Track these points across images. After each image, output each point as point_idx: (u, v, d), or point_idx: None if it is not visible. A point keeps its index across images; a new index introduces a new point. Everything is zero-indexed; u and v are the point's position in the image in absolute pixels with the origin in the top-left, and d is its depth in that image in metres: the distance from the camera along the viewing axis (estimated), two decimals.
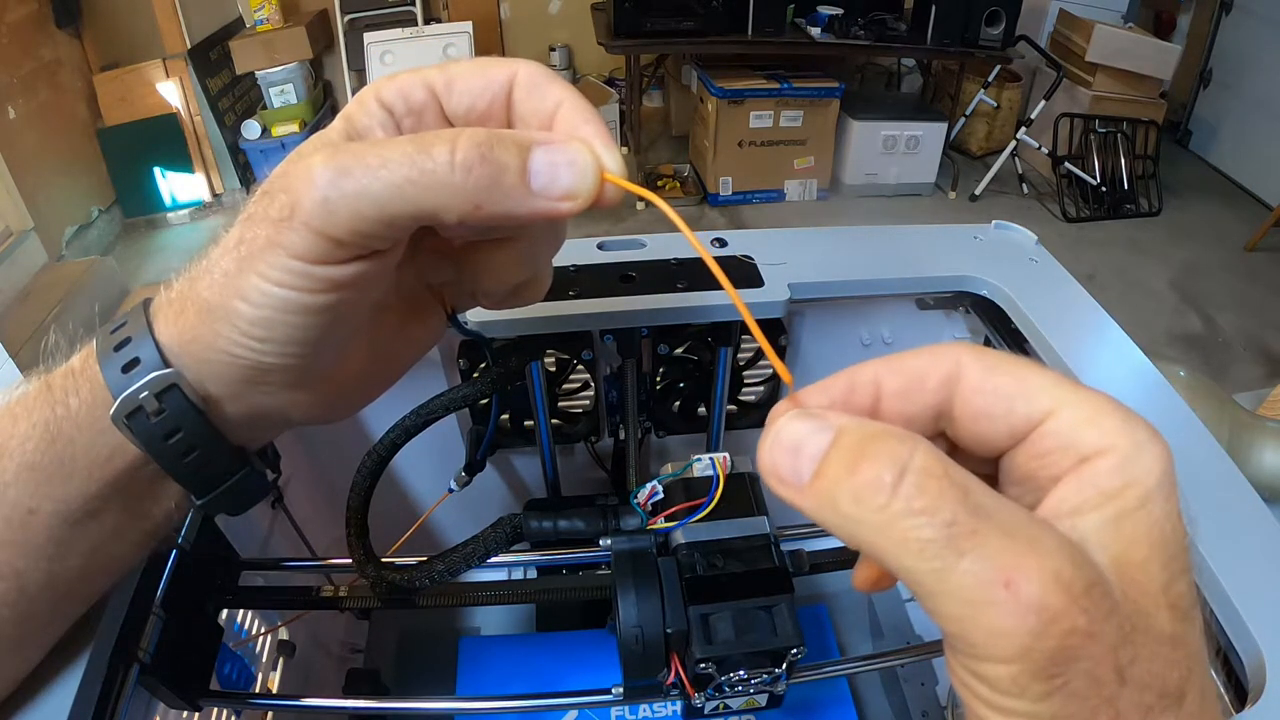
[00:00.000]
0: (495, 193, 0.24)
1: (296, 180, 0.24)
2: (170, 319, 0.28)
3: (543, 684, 0.68)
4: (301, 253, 0.24)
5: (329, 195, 0.23)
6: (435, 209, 0.24)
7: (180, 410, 0.28)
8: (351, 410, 0.34)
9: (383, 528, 0.50)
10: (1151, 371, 0.56)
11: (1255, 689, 0.38)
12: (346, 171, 0.23)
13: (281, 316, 0.26)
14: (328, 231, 0.24)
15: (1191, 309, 2.53)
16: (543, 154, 0.24)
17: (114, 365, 0.28)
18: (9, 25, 2.42)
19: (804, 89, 2.77)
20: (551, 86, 0.27)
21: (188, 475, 0.30)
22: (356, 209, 0.23)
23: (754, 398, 0.77)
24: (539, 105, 0.27)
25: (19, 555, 0.29)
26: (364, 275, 0.26)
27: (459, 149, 0.23)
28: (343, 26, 3.16)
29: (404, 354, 0.34)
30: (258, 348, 0.26)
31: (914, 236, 0.70)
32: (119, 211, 2.85)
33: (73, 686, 0.35)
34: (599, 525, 0.47)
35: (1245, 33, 3.24)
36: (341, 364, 0.30)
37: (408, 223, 0.24)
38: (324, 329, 0.26)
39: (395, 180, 0.23)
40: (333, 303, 0.26)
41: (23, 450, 0.28)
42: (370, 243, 0.25)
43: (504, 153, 0.24)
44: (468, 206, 0.24)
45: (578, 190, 0.25)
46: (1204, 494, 0.46)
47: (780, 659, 0.42)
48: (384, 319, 0.32)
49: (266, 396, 0.29)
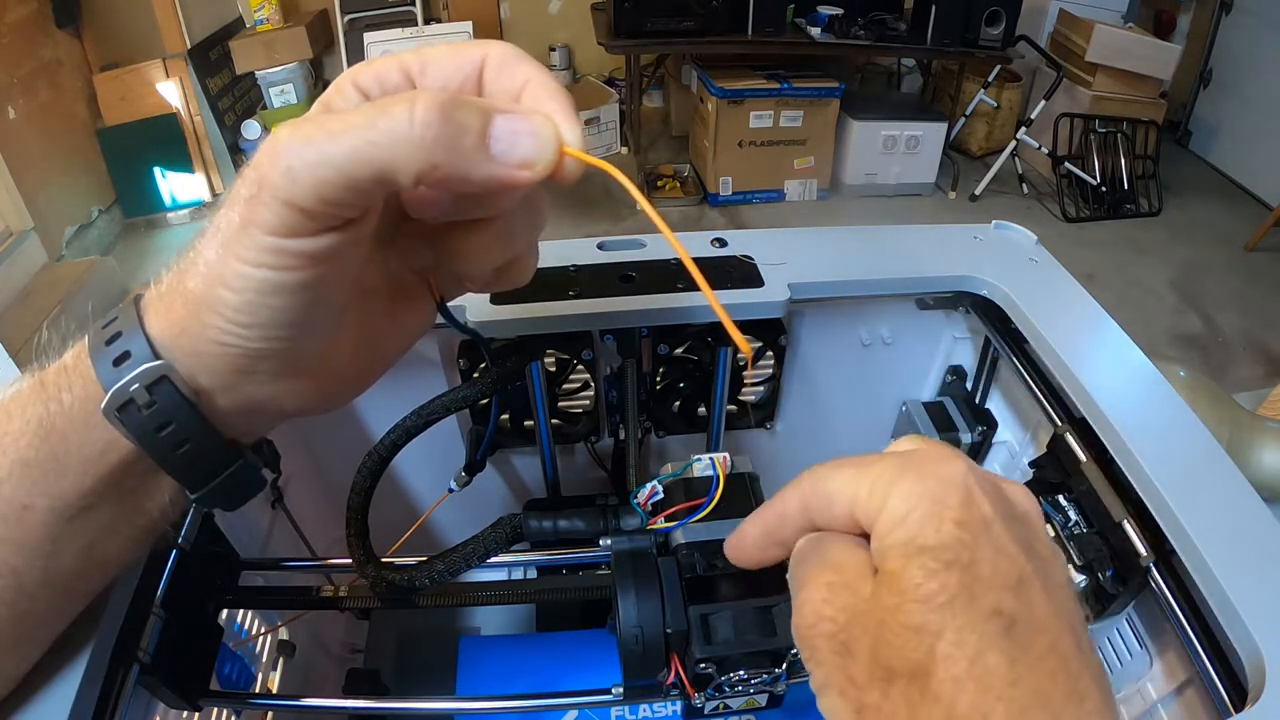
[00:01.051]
0: (453, 153, 0.24)
1: (263, 155, 0.24)
2: (160, 312, 0.28)
3: (543, 684, 0.68)
4: (274, 227, 0.25)
5: (292, 164, 0.24)
6: (392, 166, 0.24)
7: (171, 403, 0.28)
8: (344, 400, 0.34)
9: (383, 528, 0.50)
10: (1151, 371, 0.56)
11: (1255, 689, 0.38)
12: (309, 140, 0.24)
13: (262, 299, 0.26)
14: (294, 200, 0.24)
15: (1191, 309, 2.53)
16: (505, 121, 0.25)
17: (105, 359, 0.28)
18: (9, 25, 2.42)
19: (804, 89, 2.77)
20: (520, 65, 0.28)
21: (181, 468, 0.30)
22: (319, 175, 0.23)
23: (754, 398, 0.77)
24: (508, 83, 0.28)
25: (15, 552, 0.29)
26: (337, 249, 0.26)
27: (418, 106, 0.23)
28: (343, 26, 3.16)
29: (394, 342, 0.34)
30: (244, 334, 0.27)
31: (914, 236, 0.70)
32: (119, 211, 2.85)
33: (73, 686, 0.35)
34: (599, 525, 0.47)
35: (1245, 33, 3.24)
36: (331, 351, 0.30)
37: (369, 185, 0.24)
38: (305, 309, 0.27)
39: (356, 143, 0.23)
40: (310, 280, 0.26)
41: (16, 446, 0.28)
42: (336, 210, 0.25)
43: (466, 114, 0.24)
44: (425, 165, 0.24)
45: (536, 159, 0.25)
46: (1204, 494, 0.46)
47: (780, 659, 0.42)
48: (372, 305, 0.32)
49: (258, 387, 0.29)
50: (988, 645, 0.21)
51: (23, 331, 2.03)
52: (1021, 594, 0.22)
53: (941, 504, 0.23)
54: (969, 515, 0.23)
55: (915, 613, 0.22)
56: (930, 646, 0.21)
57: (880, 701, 0.22)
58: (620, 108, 3.24)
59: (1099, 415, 0.52)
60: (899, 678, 0.22)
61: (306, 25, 3.08)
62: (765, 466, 0.51)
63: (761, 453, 0.80)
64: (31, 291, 2.24)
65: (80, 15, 2.74)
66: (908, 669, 0.22)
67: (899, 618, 0.22)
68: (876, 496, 0.24)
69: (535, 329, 0.59)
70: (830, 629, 0.24)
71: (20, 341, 1.95)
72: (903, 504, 0.23)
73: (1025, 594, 0.22)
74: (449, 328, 0.36)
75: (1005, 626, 0.21)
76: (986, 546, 0.22)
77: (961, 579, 0.22)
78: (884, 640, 0.22)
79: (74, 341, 0.30)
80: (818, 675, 0.24)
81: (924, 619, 0.22)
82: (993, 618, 0.21)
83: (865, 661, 0.23)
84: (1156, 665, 0.51)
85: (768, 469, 0.50)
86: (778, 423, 0.79)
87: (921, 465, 0.24)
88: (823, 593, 0.25)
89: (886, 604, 0.23)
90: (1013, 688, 0.21)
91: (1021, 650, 0.21)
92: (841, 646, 0.24)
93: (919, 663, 0.21)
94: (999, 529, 0.23)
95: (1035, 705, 0.21)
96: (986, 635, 0.21)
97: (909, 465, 0.24)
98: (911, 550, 0.23)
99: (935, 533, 0.23)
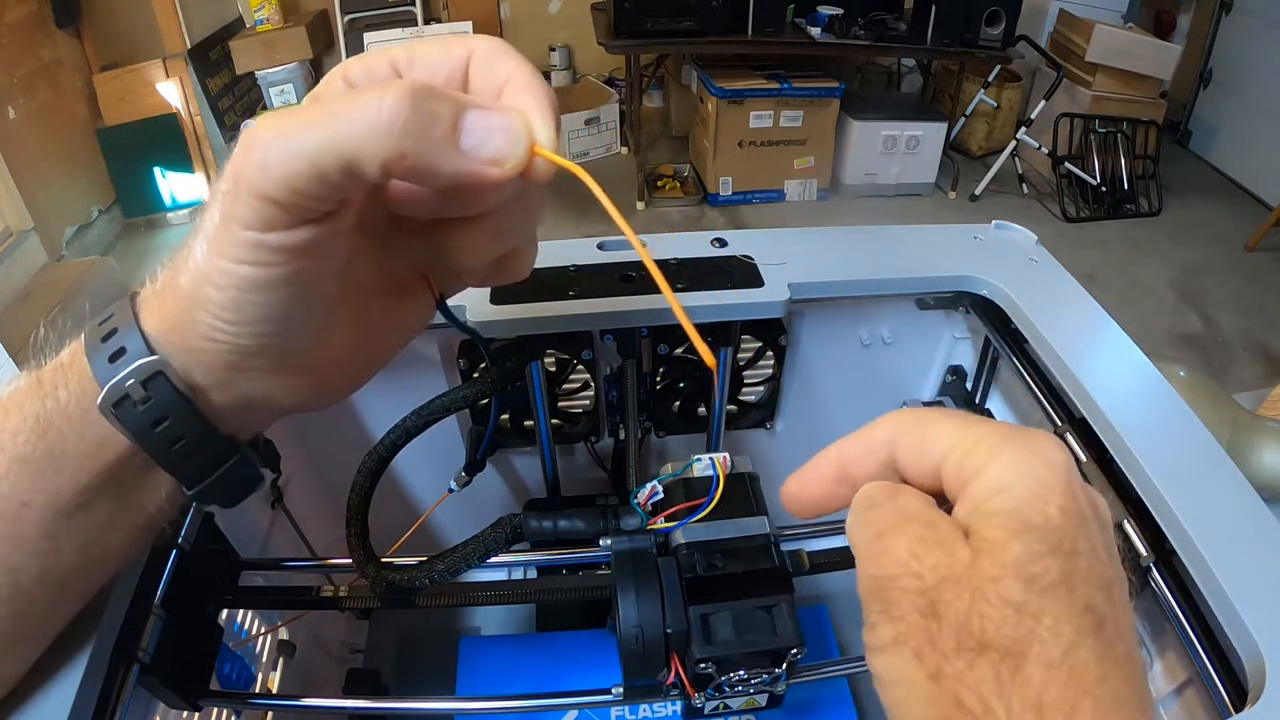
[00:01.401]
0: (422, 143, 0.24)
1: (239, 149, 0.24)
2: (155, 309, 0.28)
3: (543, 684, 0.68)
4: (250, 221, 0.24)
5: (265, 157, 0.24)
6: (359, 155, 0.23)
7: (166, 398, 0.28)
8: (340, 396, 0.34)
9: (383, 528, 0.50)
10: (1151, 371, 0.56)
11: (1255, 689, 0.38)
12: (282, 132, 0.24)
13: (246, 295, 0.26)
14: (266, 193, 0.24)
15: (1191, 309, 2.53)
16: (478, 115, 0.25)
17: (101, 356, 0.28)
18: (9, 25, 2.42)
19: (804, 89, 2.77)
20: (505, 60, 0.27)
21: (177, 463, 0.30)
22: (290, 166, 0.23)
23: (754, 398, 0.77)
24: (491, 78, 0.27)
25: (12, 549, 0.30)
26: (317, 243, 0.26)
27: (389, 94, 0.23)
28: (343, 26, 3.17)
29: (391, 337, 0.34)
30: (231, 330, 0.27)
31: (914, 236, 0.70)
32: (119, 211, 2.85)
33: (73, 686, 0.35)
34: (599, 525, 0.47)
35: (1245, 33, 3.24)
36: (324, 346, 0.30)
37: (337, 176, 0.24)
38: (289, 304, 0.27)
39: (326, 132, 0.23)
40: (291, 274, 0.26)
41: (14, 444, 0.28)
42: (310, 201, 0.24)
43: (438, 105, 0.24)
44: (391, 154, 0.23)
45: (506, 156, 0.25)
46: (1204, 494, 0.46)
47: (780, 659, 0.42)
48: (368, 301, 0.32)
49: (252, 383, 0.29)
50: (1081, 640, 0.21)
51: (23, 331, 2.03)
52: (1109, 596, 0.22)
53: (1047, 486, 0.22)
54: (1072, 505, 0.22)
55: (1018, 590, 0.21)
56: (1030, 628, 0.21)
57: (964, 671, 0.21)
58: (620, 108, 3.24)
59: (1099, 415, 0.52)
60: (990, 651, 0.21)
61: (306, 25, 3.08)
62: (765, 466, 0.51)
63: (761, 453, 0.80)
64: (31, 291, 2.24)
65: (80, 15, 2.73)
66: (1003, 645, 0.21)
67: (1000, 590, 0.21)
68: (976, 457, 0.23)
69: (535, 329, 0.59)
70: (917, 585, 0.23)
71: (20, 341, 1.95)
72: (1006, 473, 0.22)
73: (1112, 597, 0.22)
74: (449, 327, 0.36)
75: (1096, 624, 0.21)
76: (1084, 541, 0.22)
77: (1064, 567, 0.21)
78: (979, 611, 0.21)
79: (71, 339, 0.30)
80: (887, 631, 0.23)
81: (1026, 598, 0.21)
82: (1087, 613, 0.21)
83: (953, 627, 0.22)
84: (1156, 665, 0.51)
85: (768, 469, 0.50)
86: (778, 423, 0.79)
87: (1027, 441, 0.23)
88: (912, 545, 0.23)
89: (988, 573, 0.22)
90: (1100, 685, 0.21)
91: (1107, 649, 0.21)
92: (928, 606, 0.22)
93: (1016, 640, 0.21)
94: (1094, 528, 0.23)
95: (1116, 707, 0.20)
96: (1081, 629, 0.21)
97: (1015, 437, 0.23)
98: (1017, 525, 0.22)
99: (1040, 513, 0.22)
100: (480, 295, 0.58)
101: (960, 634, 0.22)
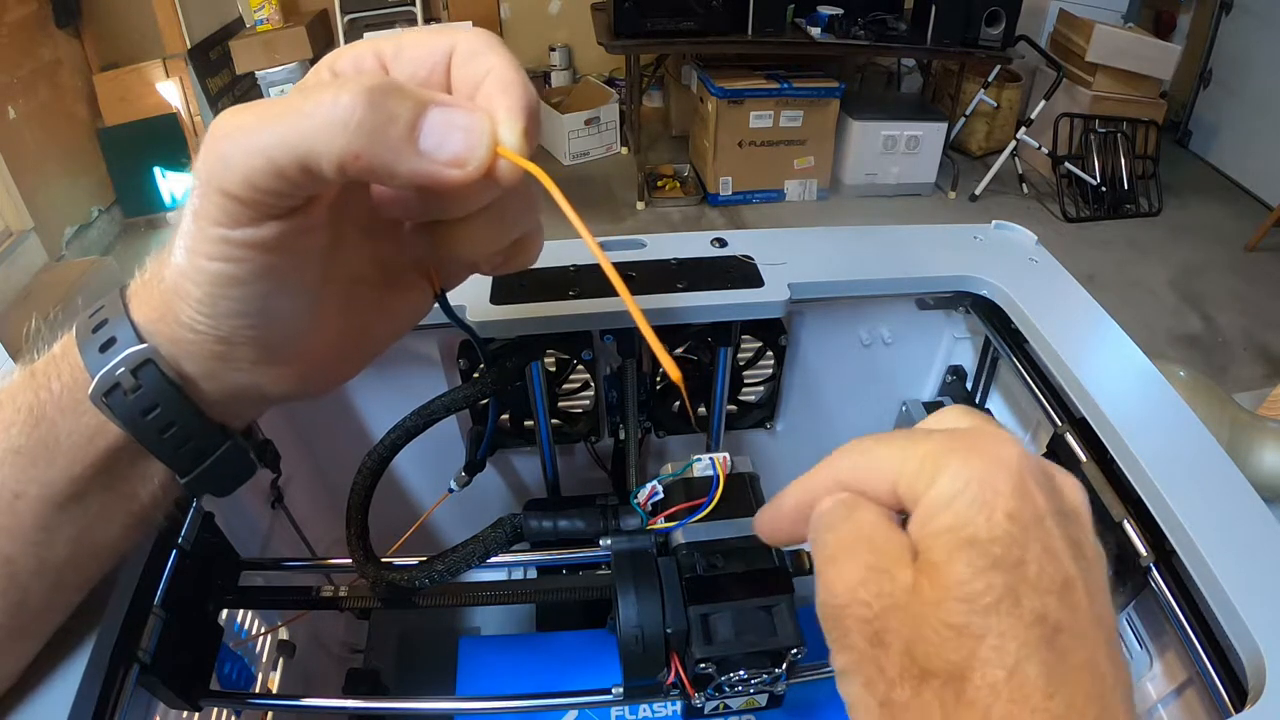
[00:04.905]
0: (378, 143, 0.23)
1: (205, 142, 0.24)
2: (143, 300, 0.29)
3: (543, 684, 0.67)
4: (217, 218, 0.24)
5: (226, 151, 0.23)
6: (314, 152, 0.23)
7: (156, 386, 0.28)
8: (330, 386, 0.34)
9: (383, 528, 0.50)
10: (1151, 371, 0.56)
11: (1255, 689, 0.38)
12: (241, 127, 0.23)
13: (220, 290, 0.26)
14: (227, 189, 0.24)
15: (1191, 309, 2.53)
16: (439, 114, 0.24)
17: (92, 346, 0.28)
18: (9, 25, 2.42)
19: (804, 89, 2.77)
20: (487, 55, 0.26)
21: (168, 451, 0.30)
22: (248, 162, 0.23)
23: (754, 398, 0.77)
24: (472, 73, 0.26)
25: (7, 541, 0.30)
26: (284, 238, 0.25)
27: (345, 92, 0.22)
28: (343, 26, 3.17)
29: (385, 330, 0.34)
30: (210, 323, 0.27)
31: (914, 236, 0.70)
32: (119, 211, 2.85)
33: (73, 686, 0.35)
34: (599, 525, 0.47)
35: (1245, 33, 3.24)
36: (310, 337, 0.30)
37: (294, 173, 0.23)
38: (265, 298, 0.27)
39: (282, 128, 0.23)
40: (261, 269, 0.26)
41: (7, 435, 0.29)
42: (271, 198, 0.24)
43: (397, 103, 0.23)
44: (345, 152, 0.23)
45: (466, 158, 0.24)
46: (1204, 494, 0.46)
47: (780, 659, 0.42)
48: (359, 293, 0.32)
49: (239, 373, 0.29)
50: (1028, 655, 0.20)
51: (23, 332, 2.03)
52: (1065, 599, 0.21)
53: (993, 490, 0.22)
54: (1021, 506, 0.22)
55: (958, 612, 0.21)
56: (971, 650, 0.21)
57: (910, 699, 0.21)
58: (620, 108, 3.24)
59: (1099, 415, 0.52)
60: (934, 678, 0.21)
61: (306, 25, 3.08)
62: (765, 466, 0.51)
63: (761, 453, 0.80)
64: (31, 291, 2.24)
65: (80, 15, 2.73)
66: (944, 670, 0.21)
67: (940, 615, 0.21)
68: (924, 475, 0.23)
69: (535, 329, 0.59)
70: (864, 614, 0.23)
71: (20, 341, 1.95)
72: (952, 485, 0.22)
73: (1069, 599, 0.21)
74: (449, 327, 0.36)
75: (1047, 635, 0.21)
76: (1035, 544, 0.21)
77: (1008, 580, 0.21)
78: (922, 637, 0.21)
79: (64, 332, 0.30)
80: (842, 659, 0.23)
81: (967, 620, 0.21)
82: (1035, 625, 0.21)
83: (898, 655, 0.22)
84: (1157, 665, 0.51)
85: (768, 469, 0.50)
86: (778, 423, 0.79)
87: (974, 444, 0.23)
88: (860, 573, 0.23)
89: (928, 598, 0.21)
90: (1049, 700, 0.20)
91: (1060, 660, 0.21)
92: (875, 635, 0.22)
93: (957, 665, 0.21)
94: (1050, 525, 0.22)
95: None
96: (1028, 644, 0.20)
97: (960, 444, 0.23)
98: (958, 542, 0.21)
99: (985, 523, 0.21)
100: (480, 295, 0.58)
101: (904, 662, 0.22)
